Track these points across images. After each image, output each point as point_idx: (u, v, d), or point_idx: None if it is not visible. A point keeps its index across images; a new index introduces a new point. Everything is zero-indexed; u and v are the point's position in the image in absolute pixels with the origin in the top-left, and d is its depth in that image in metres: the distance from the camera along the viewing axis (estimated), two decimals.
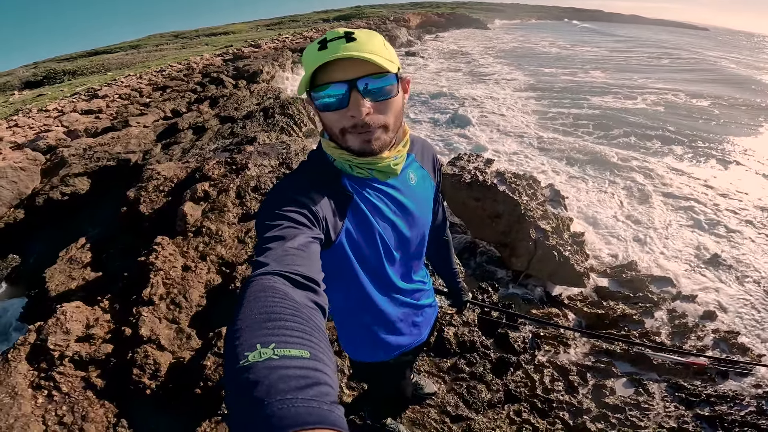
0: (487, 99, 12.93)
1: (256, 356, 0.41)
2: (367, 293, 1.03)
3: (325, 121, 0.86)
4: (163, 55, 25.38)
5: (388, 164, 0.90)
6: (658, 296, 3.52)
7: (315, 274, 0.60)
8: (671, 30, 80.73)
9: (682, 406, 2.28)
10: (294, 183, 0.86)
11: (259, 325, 0.45)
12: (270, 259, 0.60)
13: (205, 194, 3.82)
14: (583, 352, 2.70)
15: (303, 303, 0.52)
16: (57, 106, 11.02)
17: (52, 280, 3.99)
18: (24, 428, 2.09)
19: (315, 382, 0.40)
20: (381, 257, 0.98)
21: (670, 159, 8.43)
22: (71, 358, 2.48)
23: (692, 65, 23.39)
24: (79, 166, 7.11)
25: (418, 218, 1.04)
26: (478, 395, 2.16)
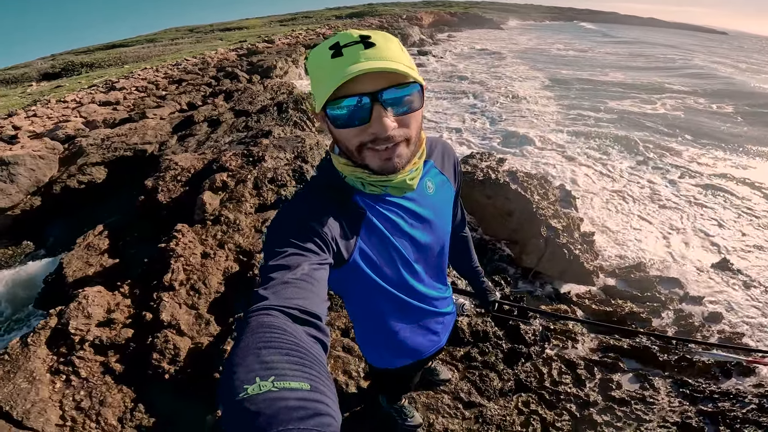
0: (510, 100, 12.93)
1: (256, 389, 0.40)
2: (387, 304, 1.02)
3: (339, 137, 0.78)
4: (179, 49, 25.67)
5: (403, 179, 0.84)
6: (665, 296, 3.56)
7: (316, 307, 0.58)
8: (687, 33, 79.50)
9: (686, 401, 2.32)
10: (301, 204, 0.81)
11: (258, 359, 0.44)
12: (270, 292, 0.58)
13: (223, 184, 3.91)
14: (590, 348, 2.75)
15: (302, 337, 0.51)
16: (75, 98, 11.23)
17: (70, 266, 4.03)
18: (41, 413, 2.11)
19: (316, 413, 0.39)
20: (400, 270, 0.96)
21: (683, 162, 8.38)
22: (92, 342, 2.50)
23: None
24: (97, 155, 7.25)
25: (437, 227, 1.01)
26: (490, 383, 2.22)
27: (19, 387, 2.21)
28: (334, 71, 0.70)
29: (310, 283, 0.63)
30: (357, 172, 0.82)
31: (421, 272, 1.03)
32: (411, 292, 1.03)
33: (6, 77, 21.27)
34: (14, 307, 5.19)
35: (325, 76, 0.71)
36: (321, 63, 0.73)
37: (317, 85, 0.74)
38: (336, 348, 2.32)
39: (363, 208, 0.86)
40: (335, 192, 0.85)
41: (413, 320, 1.12)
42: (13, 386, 2.22)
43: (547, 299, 3.47)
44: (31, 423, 2.05)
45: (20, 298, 5.25)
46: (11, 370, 2.31)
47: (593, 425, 2.11)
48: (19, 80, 20.75)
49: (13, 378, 2.26)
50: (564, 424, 2.09)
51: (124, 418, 2.16)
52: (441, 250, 1.07)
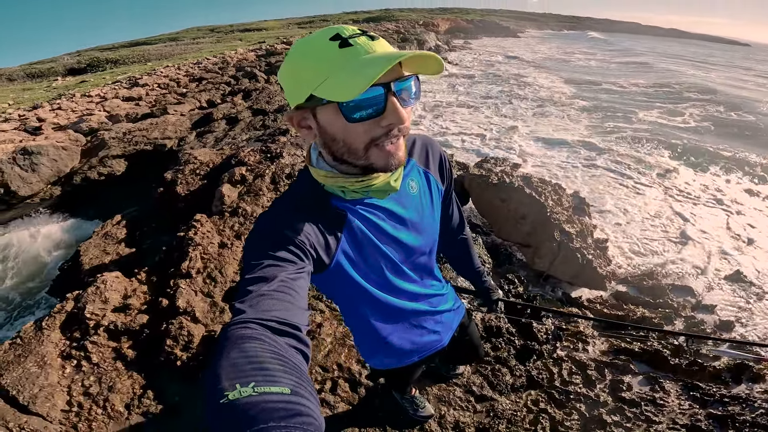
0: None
1: (236, 394, 0.40)
2: (375, 306, 1.00)
3: (343, 136, 0.73)
4: (200, 48, 26.18)
5: (387, 182, 0.82)
6: (678, 304, 3.54)
7: (295, 318, 0.58)
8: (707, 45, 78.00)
9: (696, 404, 2.30)
10: (277, 213, 0.79)
11: (238, 367, 0.44)
12: (247, 305, 0.57)
13: (242, 178, 4.00)
14: (601, 350, 2.74)
15: (282, 347, 0.51)
16: (99, 92, 11.54)
17: (86, 253, 4.11)
18: (48, 398, 2.10)
19: (297, 413, 0.40)
20: (385, 271, 0.95)
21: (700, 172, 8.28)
22: (106, 327, 2.51)
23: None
24: (118, 148, 7.44)
25: (423, 229, 0.98)
26: (502, 378, 2.23)
27: (28, 371, 2.21)
28: (354, 60, 0.66)
29: (288, 293, 0.62)
30: (339, 181, 0.80)
31: (410, 272, 1.01)
32: (400, 293, 1.02)
33: (33, 71, 21.93)
34: (27, 295, 5.32)
35: (342, 66, 0.66)
36: (325, 54, 0.68)
37: (323, 77, 0.68)
38: (350, 337, 2.35)
39: (343, 210, 0.84)
40: (313, 199, 0.83)
41: (406, 321, 1.10)
42: (23, 370, 2.21)
43: (559, 302, 3.47)
44: (36, 408, 2.04)
45: (34, 286, 5.38)
46: (22, 354, 2.31)
47: (602, 425, 2.10)
48: (45, 74, 21.38)
49: (24, 362, 2.26)
50: (573, 423, 2.09)
51: (131, 404, 2.16)
52: (431, 250, 1.05)
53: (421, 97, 0.80)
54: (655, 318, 3.13)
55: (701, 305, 3.75)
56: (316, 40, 0.70)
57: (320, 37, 0.70)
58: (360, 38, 0.68)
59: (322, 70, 0.68)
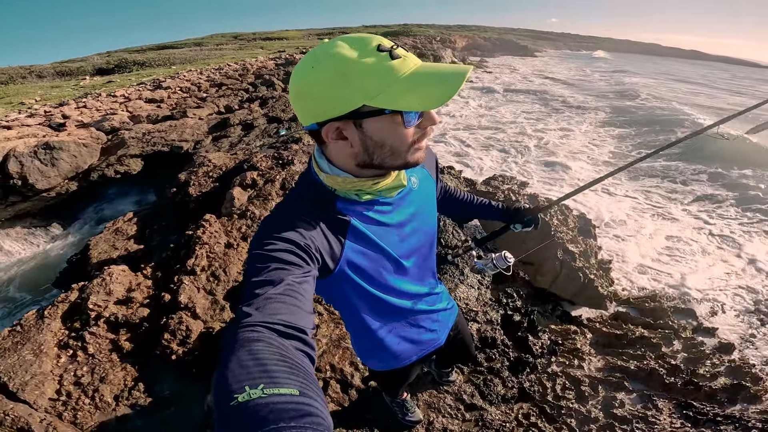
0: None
1: (246, 396, 0.41)
2: (378, 308, 1.02)
3: (392, 142, 0.76)
4: (222, 54, 26.82)
5: (398, 179, 0.87)
6: (678, 326, 3.51)
7: (301, 321, 0.59)
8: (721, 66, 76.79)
9: (688, 423, 2.29)
10: (283, 217, 0.80)
11: (246, 370, 0.45)
12: (253, 308, 0.58)
13: (252, 182, 4.12)
14: (596, 367, 2.74)
15: (289, 349, 0.52)
16: (124, 93, 11.91)
17: (96, 247, 4.25)
18: (38, 386, 2.12)
19: (307, 413, 0.41)
20: (389, 272, 0.97)
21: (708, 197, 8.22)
22: (107, 319, 2.55)
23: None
24: (136, 148, 7.66)
25: (424, 221, 1.03)
26: (493, 388, 2.25)
27: (23, 359, 2.23)
28: (408, 72, 0.70)
29: (294, 297, 0.63)
30: (356, 185, 0.82)
31: (411, 271, 1.03)
32: (401, 294, 1.04)
33: (63, 69, 22.70)
34: (34, 287, 5.44)
35: (396, 79, 0.69)
36: (376, 67, 0.68)
37: (382, 88, 0.69)
38: (346, 339, 2.40)
39: (347, 214, 0.85)
40: (317, 202, 0.84)
41: (406, 322, 1.13)
42: (18, 357, 2.23)
43: (558, 320, 3.48)
44: (25, 395, 2.06)
45: (42, 277, 5.49)
46: (20, 341, 2.34)
47: None
48: (74, 73, 22.10)
49: (20, 349, 2.28)
50: None
51: (120, 395, 2.17)
52: (430, 245, 1.09)
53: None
54: (653, 338, 3.12)
55: (702, 328, 3.73)
56: (359, 51, 0.69)
57: (362, 49, 0.69)
58: (400, 50, 0.71)
59: (380, 80, 0.68)
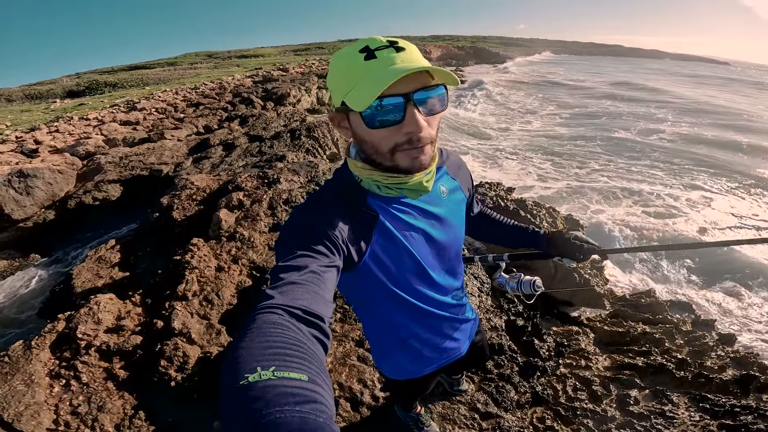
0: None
1: (256, 377, 0.42)
2: (401, 310, 1.00)
3: (370, 139, 0.80)
4: (197, 73, 26.58)
5: (419, 181, 0.86)
6: (677, 320, 3.54)
7: (320, 308, 0.59)
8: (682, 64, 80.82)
9: (707, 415, 2.26)
10: (314, 206, 0.82)
11: (260, 351, 0.46)
12: (277, 291, 0.59)
13: (239, 203, 4.02)
14: (604, 366, 2.72)
15: (305, 335, 0.53)
16: (98, 116, 11.64)
17: (79, 277, 4.09)
18: (33, 416, 2.08)
19: (312, 399, 0.41)
20: (414, 275, 0.95)
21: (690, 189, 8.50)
22: (98, 348, 2.50)
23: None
24: (114, 173, 7.44)
25: (451, 228, 1.01)
26: (506, 394, 2.21)
27: (14, 389, 2.20)
28: (372, 73, 0.73)
29: (317, 284, 0.64)
30: (374, 175, 0.84)
31: (436, 278, 1.01)
32: (425, 299, 1.02)
33: (32, 92, 22.09)
34: (17, 318, 5.23)
35: (362, 78, 0.73)
36: (352, 65, 0.75)
37: (349, 87, 0.75)
38: (351, 357, 2.33)
39: (376, 210, 0.86)
40: (349, 195, 0.86)
41: (429, 327, 1.09)
42: (9, 388, 2.20)
43: (558, 321, 3.47)
44: (21, 426, 2.03)
45: (25, 309, 5.29)
46: (9, 372, 2.30)
47: None
48: (45, 96, 21.54)
49: (10, 380, 2.25)
50: None
51: (122, 425, 2.12)
52: (456, 253, 1.08)
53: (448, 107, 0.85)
54: (656, 334, 3.13)
55: (701, 320, 3.80)
56: (348, 51, 0.77)
57: (352, 49, 0.77)
58: (385, 50, 0.74)
59: (350, 80, 0.75)
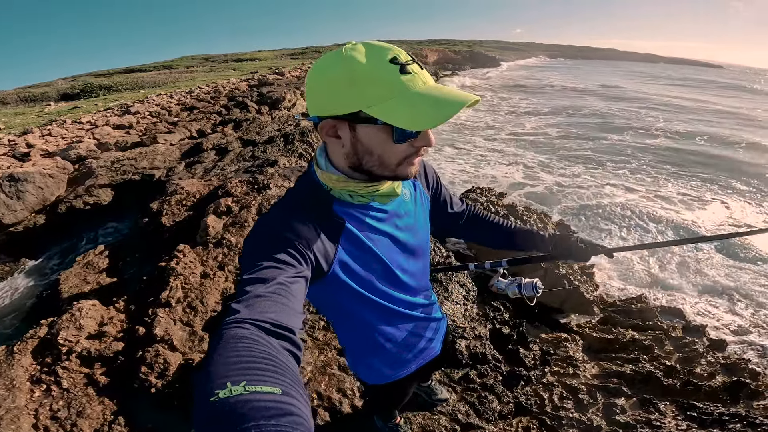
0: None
1: (227, 393, 0.40)
2: (373, 314, 1.01)
3: (381, 153, 0.78)
4: (193, 76, 26.53)
5: (391, 188, 0.88)
6: (668, 326, 3.53)
7: (290, 320, 0.58)
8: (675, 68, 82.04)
9: (694, 424, 2.25)
10: (277, 216, 0.81)
11: (230, 366, 0.45)
12: (243, 305, 0.58)
13: (227, 209, 4.00)
14: (592, 374, 2.71)
15: (275, 348, 0.51)
16: (90, 119, 11.57)
17: (66, 282, 4.09)
18: (13, 420, 2.08)
19: (288, 412, 0.40)
20: (383, 279, 0.96)
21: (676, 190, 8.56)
22: (79, 353, 2.51)
23: None
24: (105, 177, 7.39)
25: (417, 228, 1.03)
26: (489, 405, 2.19)
27: None
28: (411, 90, 0.71)
29: (285, 296, 0.62)
30: (350, 185, 0.83)
31: (405, 280, 1.02)
32: (397, 301, 1.03)
33: (26, 95, 21.97)
34: (3, 321, 5.19)
35: (402, 93, 0.70)
36: (384, 77, 0.70)
37: (381, 98, 0.71)
38: (331, 366, 2.32)
39: (342, 218, 0.86)
40: (314, 202, 0.85)
41: (403, 329, 1.10)
42: None
43: (547, 328, 3.46)
44: (1, 430, 2.04)
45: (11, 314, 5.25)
46: None
47: None
48: (39, 99, 21.41)
49: None
50: None
51: (101, 430, 2.13)
52: (424, 254, 1.09)
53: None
54: (645, 340, 3.12)
55: (691, 326, 3.79)
56: (372, 59, 0.71)
57: (376, 57, 0.71)
58: (413, 66, 0.73)
59: (382, 92, 0.70)
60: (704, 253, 5.97)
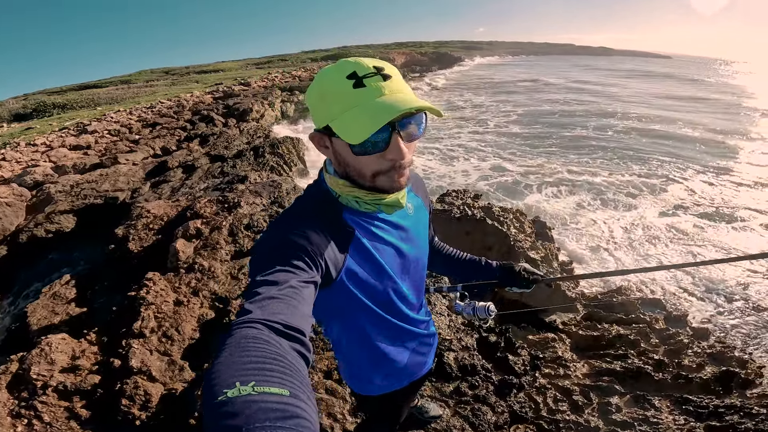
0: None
1: (235, 392, 0.40)
2: (375, 325, 1.02)
3: (353, 163, 0.81)
4: (154, 91, 25.70)
5: (396, 198, 0.89)
6: (650, 317, 3.59)
7: (300, 323, 0.58)
8: (627, 60, 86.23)
9: (691, 418, 2.25)
10: (291, 221, 0.83)
11: (239, 366, 0.45)
12: (255, 306, 0.59)
13: (197, 231, 3.83)
14: (582, 373, 2.71)
15: (286, 349, 0.52)
16: (45, 141, 10.99)
17: (34, 314, 3.88)
18: None
19: (295, 415, 0.40)
20: (387, 290, 0.98)
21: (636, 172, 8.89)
22: (55, 388, 2.44)
23: None
24: (66, 203, 7.03)
25: (418, 245, 1.05)
26: (483, 417, 2.15)
27: None
28: (365, 104, 0.73)
29: (296, 299, 0.63)
30: (355, 191, 0.85)
31: (407, 293, 1.04)
32: (398, 314, 1.05)
33: None
34: None
35: (352, 107, 0.73)
36: (340, 92, 0.75)
37: (336, 114, 0.75)
38: (319, 390, 2.25)
39: (352, 226, 0.88)
40: (325, 209, 0.87)
41: (401, 342, 1.12)
42: None
43: (533, 328, 3.46)
44: None
45: None
46: None
47: None
48: None
49: None
50: None
51: None
52: (423, 267, 1.11)
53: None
54: (630, 335, 3.15)
55: (672, 316, 3.88)
56: (334, 74, 0.77)
57: (338, 73, 0.76)
58: (373, 78, 0.74)
59: (336, 107, 0.75)
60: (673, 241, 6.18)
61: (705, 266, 5.43)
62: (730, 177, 9.16)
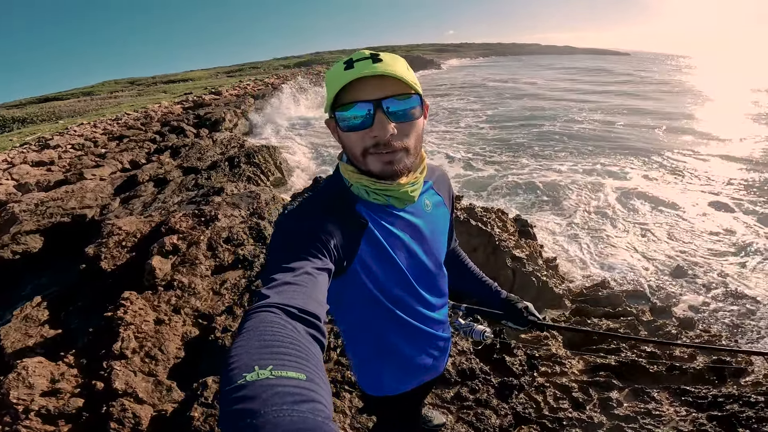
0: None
1: (254, 376, 0.41)
2: (386, 320, 1.00)
3: (346, 142, 0.86)
4: (119, 102, 24.92)
5: (405, 191, 0.89)
6: (636, 310, 3.63)
7: (316, 309, 0.60)
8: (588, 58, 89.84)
9: (692, 409, 2.25)
10: (307, 209, 0.86)
11: (257, 350, 0.46)
12: (272, 291, 0.60)
13: (174, 247, 3.67)
14: (579, 369, 2.70)
15: (302, 334, 0.53)
16: (6, 158, 10.48)
17: (7, 338, 3.74)
18: None
19: (310, 399, 0.41)
20: (398, 283, 0.97)
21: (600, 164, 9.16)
22: (37, 412, 2.40)
23: None
24: (31, 223, 6.70)
25: (434, 244, 1.03)
26: (487, 421, 2.12)
27: None
28: (341, 78, 0.79)
29: (311, 285, 0.65)
30: (362, 179, 0.87)
31: (419, 291, 1.03)
32: (408, 310, 1.02)
33: None
34: None
35: (334, 84, 0.81)
36: (335, 75, 0.82)
37: (331, 95, 0.83)
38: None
39: (365, 218, 0.89)
40: (339, 201, 0.89)
41: (412, 340, 1.08)
42: None
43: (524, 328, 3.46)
44: None
45: None
46: None
47: None
48: None
49: None
50: None
51: None
52: (439, 268, 1.08)
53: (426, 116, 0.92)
54: (620, 328, 3.18)
55: (657, 307, 3.94)
56: (336, 64, 0.84)
57: (339, 62, 0.84)
58: (363, 61, 0.80)
59: (331, 89, 0.83)
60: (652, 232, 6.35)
61: (687, 255, 5.60)
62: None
